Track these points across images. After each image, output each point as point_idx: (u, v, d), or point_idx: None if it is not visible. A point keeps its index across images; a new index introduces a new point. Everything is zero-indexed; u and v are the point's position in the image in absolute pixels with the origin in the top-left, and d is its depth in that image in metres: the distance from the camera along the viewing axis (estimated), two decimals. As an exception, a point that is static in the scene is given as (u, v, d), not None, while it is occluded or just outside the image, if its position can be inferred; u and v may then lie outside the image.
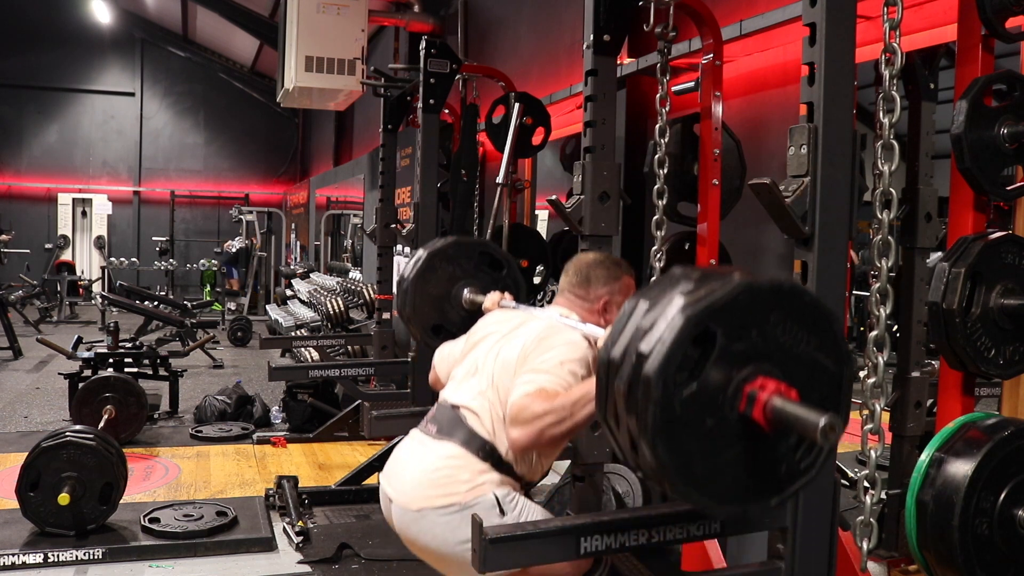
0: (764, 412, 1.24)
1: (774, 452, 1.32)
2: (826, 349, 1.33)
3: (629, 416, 1.26)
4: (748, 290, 1.26)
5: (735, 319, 1.26)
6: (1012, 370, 2.06)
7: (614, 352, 1.30)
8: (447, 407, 2.12)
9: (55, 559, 3.25)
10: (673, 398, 1.23)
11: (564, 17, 5.65)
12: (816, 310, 1.33)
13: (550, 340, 2.01)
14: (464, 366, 2.21)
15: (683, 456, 1.25)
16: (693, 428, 1.25)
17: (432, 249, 3.00)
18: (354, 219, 11.59)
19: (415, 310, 2.95)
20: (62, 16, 15.87)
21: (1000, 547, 1.75)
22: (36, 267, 13.56)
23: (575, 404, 1.81)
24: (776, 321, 1.29)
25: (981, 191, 2.08)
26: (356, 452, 5.17)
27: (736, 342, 1.26)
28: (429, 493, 1.97)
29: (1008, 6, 2.06)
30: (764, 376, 1.26)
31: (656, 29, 2.51)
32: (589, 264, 2.23)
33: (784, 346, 1.30)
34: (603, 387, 1.33)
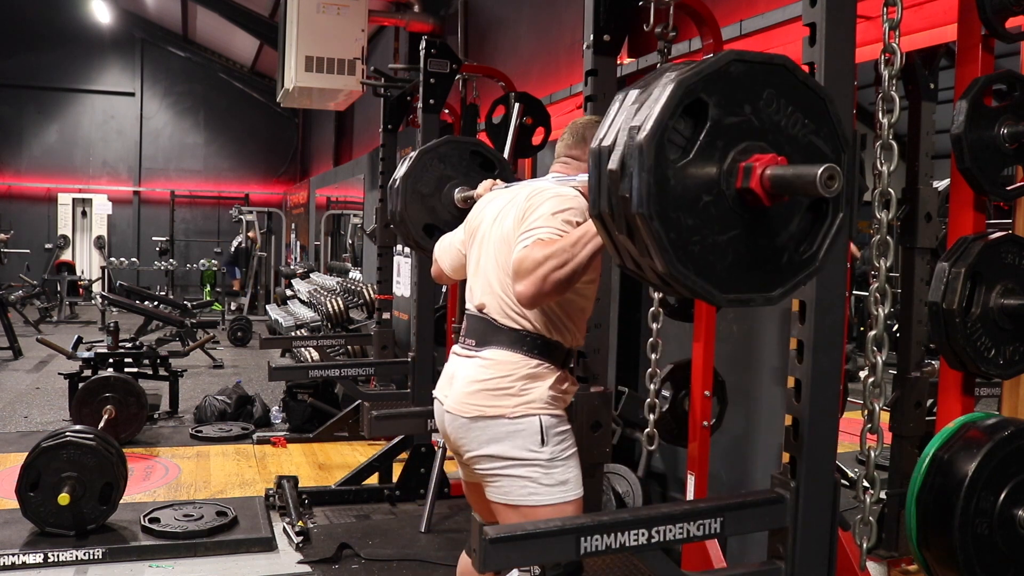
0: (761, 181, 1.21)
1: (775, 238, 1.29)
2: (823, 134, 1.30)
3: (623, 194, 1.21)
4: (738, 60, 1.23)
5: (727, 90, 1.22)
6: (1012, 370, 2.06)
7: (606, 136, 1.26)
8: (475, 315, 2.09)
9: (55, 559, 3.25)
10: (667, 168, 1.19)
11: (564, 17, 5.65)
12: (812, 91, 1.30)
13: (539, 197, 1.96)
14: (472, 260, 2.17)
15: (680, 233, 1.21)
16: (689, 204, 1.21)
17: (424, 148, 2.94)
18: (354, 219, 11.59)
19: (406, 209, 2.86)
20: (62, 16, 15.87)
21: (1000, 547, 1.75)
22: (36, 267, 13.56)
23: (575, 244, 1.77)
24: (770, 98, 1.26)
25: (981, 191, 2.08)
26: (356, 452, 5.17)
27: (729, 116, 1.23)
28: (480, 402, 1.96)
29: (1008, 6, 2.06)
30: (759, 153, 1.23)
31: (656, 29, 2.51)
32: (584, 124, 2.17)
33: (779, 125, 1.26)
34: (596, 178, 1.29)
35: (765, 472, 3.01)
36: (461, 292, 4.76)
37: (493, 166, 2.97)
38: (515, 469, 1.92)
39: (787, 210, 1.31)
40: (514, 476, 1.92)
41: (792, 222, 1.31)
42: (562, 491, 1.94)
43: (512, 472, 1.92)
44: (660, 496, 3.79)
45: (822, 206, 1.33)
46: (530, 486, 1.92)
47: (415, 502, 4.15)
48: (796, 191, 1.21)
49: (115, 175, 16.94)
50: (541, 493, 1.92)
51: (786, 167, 1.21)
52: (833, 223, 1.33)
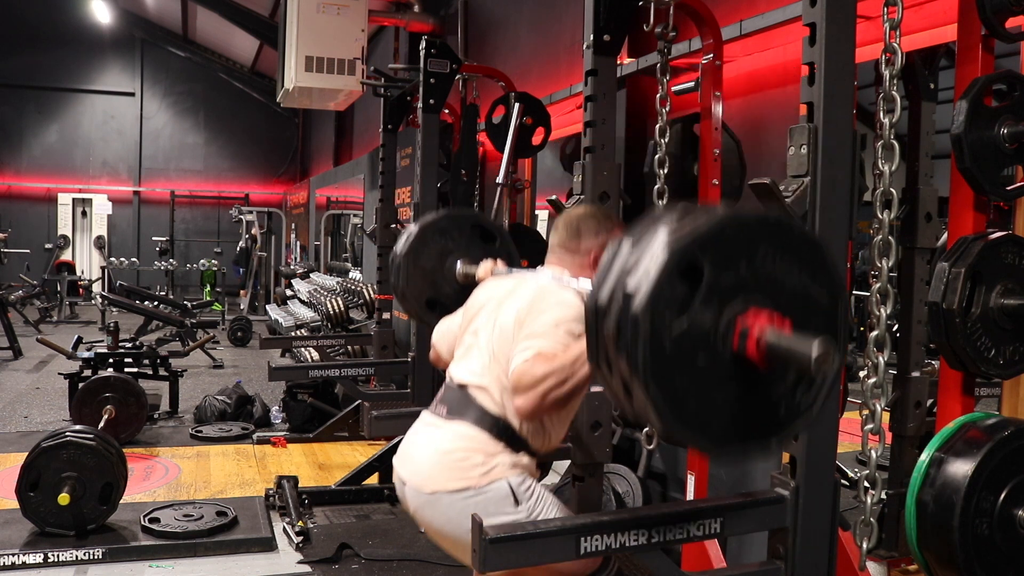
0: (758, 347, 1.21)
1: (771, 391, 1.29)
2: (819, 280, 1.30)
3: (620, 357, 1.22)
4: (734, 221, 1.24)
5: (722, 251, 1.22)
6: (1012, 370, 2.06)
7: (601, 296, 1.27)
8: (454, 387, 2.09)
9: (55, 559, 3.25)
10: (663, 335, 1.19)
11: (564, 17, 5.65)
12: (806, 241, 1.30)
13: (543, 302, 1.98)
14: (464, 342, 2.18)
15: (677, 395, 1.21)
16: (686, 366, 1.22)
17: (424, 222, 2.96)
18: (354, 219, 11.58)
19: (408, 284, 2.90)
20: (62, 16, 15.87)
21: (1000, 547, 1.75)
22: (36, 267, 13.55)
23: (574, 363, 1.79)
24: (765, 253, 1.25)
25: (981, 191, 2.08)
26: (356, 452, 5.17)
27: (724, 274, 1.23)
28: (443, 476, 1.95)
29: (1008, 6, 2.06)
30: (756, 308, 1.23)
31: (656, 29, 2.51)
32: (579, 217, 2.19)
33: (775, 278, 1.26)
34: (592, 333, 1.29)
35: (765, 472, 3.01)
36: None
37: (494, 237, 3.00)
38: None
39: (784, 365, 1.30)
40: None
41: (788, 375, 1.30)
42: None
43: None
44: (660, 496, 3.78)
45: None
46: None
47: (415, 502, 4.15)
48: (790, 363, 1.21)
49: (115, 175, 16.94)
50: None
51: (781, 337, 1.21)
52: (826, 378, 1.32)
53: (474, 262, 2.86)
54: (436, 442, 2.01)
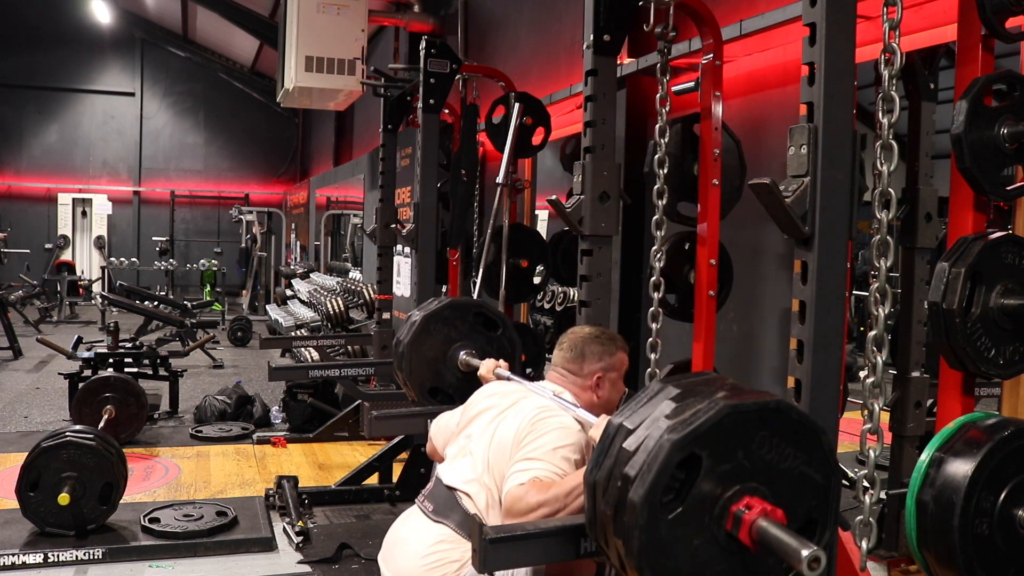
0: (750, 534, 1.25)
1: (762, 568, 1.32)
2: (814, 463, 1.34)
3: (616, 539, 1.27)
4: (734, 413, 1.27)
5: (721, 442, 1.27)
6: (1012, 370, 2.06)
7: (599, 475, 1.32)
8: (443, 487, 2.18)
9: (55, 559, 3.25)
10: (659, 522, 1.24)
11: (564, 17, 5.65)
12: (803, 427, 1.34)
13: (543, 424, 2.04)
14: (459, 443, 2.26)
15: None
16: (680, 549, 1.26)
17: (427, 312, 3.03)
18: (354, 219, 11.59)
19: (412, 373, 3.00)
20: (62, 16, 15.87)
21: (1000, 547, 1.75)
22: (36, 267, 13.56)
23: (568, 495, 1.85)
24: (762, 440, 1.30)
25: (981, 191, 2.08)
26: (356, 452, 5.17)
27: (722, 464, 1.27)
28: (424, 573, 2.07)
29: (1008, 6, 2.06)
30: (750, 496, 1.27)
31: (656, 29, 2.51)
32: (583, 339, 2.26)
33: (770, 464, 1.30)
34: (591, 509, 1.35)
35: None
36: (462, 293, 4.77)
37: (496, 325, 3.04)
38: None
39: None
40: None
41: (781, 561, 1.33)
42: None
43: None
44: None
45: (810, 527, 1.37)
46: None
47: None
48: (780, 556, 1.24)
49: (115, 175, 16.94)
50: None
51: (774, 527, 1.24)
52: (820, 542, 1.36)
53: (477, 351, 2.92)
54: (418, 545, 2.12)
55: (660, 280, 2.62)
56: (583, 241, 2.51)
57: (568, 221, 2.53)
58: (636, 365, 4.07)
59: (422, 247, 4.26)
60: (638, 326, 3.97)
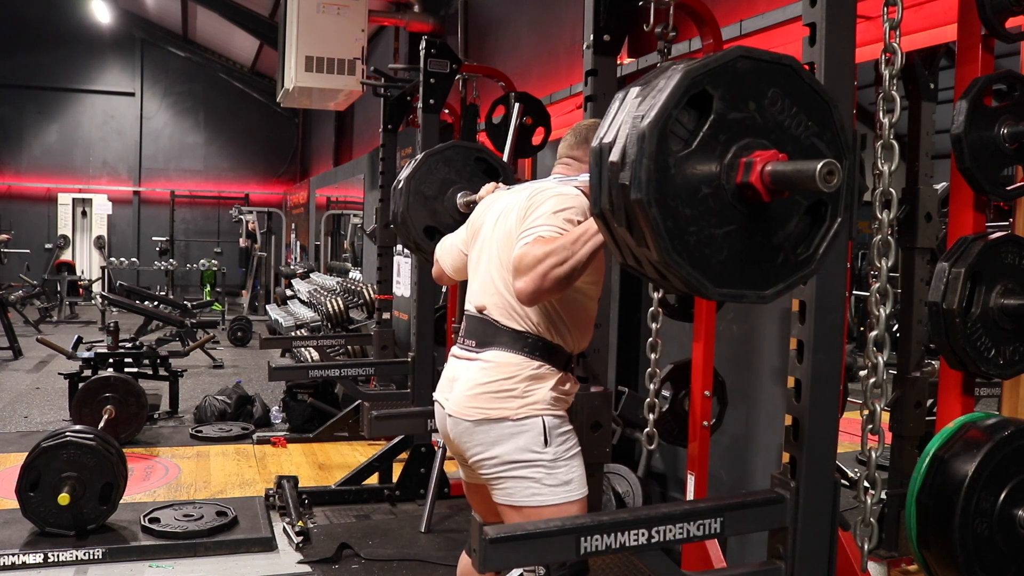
0: (761, 176, 1.21)
1: (772, 237, 1.29)
2: (826, 137, 1.30)
3: (623, 182, 1.21)
4: (746, 57, 1.24)
5: (732, 85, 1.23)
6: (1012, 370, 2.06)
7: (607, 136, 1.26)
8: (475, 316, 2.08)
9: (55, 559, 3.25)
10: (668, 157, 1.19)
11: (564, 17, 5.65)
12: (817, 94, 1.30)
13: (540, 196, 1.97)
14: (473, 261, 2.17)
15: (678, 222, 1.21)
16: (688, 194, 1.21)
17: (429, 151, 2.94)
18: (354, 219, 11.58)
19: (408, 210, 2.86)
20: (62, 16, 15.87)
21: (1000, 547, 1.75)
22: (36, 267, 13.55)
23: (575, 242, 1.77)
24: (775, 97, 1.26)
25: (981, 191, 2.08)
26: (356, 452, 5.17)
27: (733, 111, 1.23)
28: (483, 405, 1.96)
29: (1008, 6, 2.06)
30: (761, 150, 1.23)
31: (656, 29, 2.51)
32: (587, 126, 2.17)
33: (782, 125, 1.27)
34: (596, 175, 1.28)
35: (765, 472, 3.01)
36: (462, 292, 4.76)
37: (497, 172, 2.98)
38: (519, 470, 1.92)
39: (786, 209, 1.31)
40: (518, 478, 1.93)
41: (790, 222, 1.31)
42: (566, 491, 1.94)
43: (516, 474, 1.93)
44: (660, 496, 3.79)
45: (821, 208, 1.33)
46: (534, 487, 1.92)
47: (415, 502, 4.15)
48: (795, 187, 1.22)
49: (115, 175, 16.94)
50: (545, 494, 1.92)
51: (786, 163, 1.21)
52: (832, 226, 1.33)
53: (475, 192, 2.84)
54: (473, 375, 2.00)
55: (660, 280, 2.61)
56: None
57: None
58: (636, 365, 4.08)
59: (422, 247, 4.25)
60: (638, 326, 3.97)
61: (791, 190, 1.24)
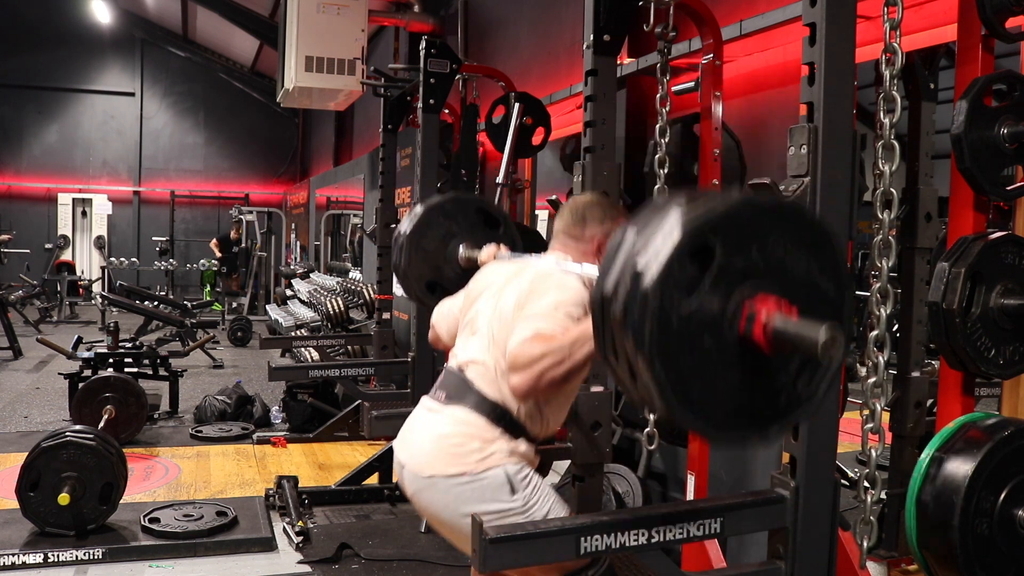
0: (764, 331, 1.21)
1: (774, 379, 1.29)
2: (827, 272, 1.31)
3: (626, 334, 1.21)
4: (749, 205, 1.24)
5: (735, 234, 1.23)
6: (1012, 370, 2.06)
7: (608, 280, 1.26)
8: (454, 371, 2.09)
9: (55, 559, 3.25)
10: (671, 313, 1.19)
11: (564, 17, 5.65)
12: (817, 232, 1.30)
13: (543, 285, 1.97)
14: (465, 325, 2.18)
15: (681, 375, 1.21)
16: (691, 346, 1.21)
17: (429, 204, 2.96)
18: (354, 219, 11.58)
19: (410, 265, 2.89)
20: (62, 16, 15.87)
21: (1000, 547, 1.75)
22: (36, 267, 13.55)
23: (573, 344, 1.78)
24: (777, 240, 1.26)
25: (981, 191, 2.08)
26: (356, 452, 5.17)
27: (735, 258, 1.23)
28: (440, 460, 1.94)
29: (1008, 6, 2.06)
30: (764, 293, 1.23)
31: (656, 29, 2.51)
32: (584, 204, 2.18)
33: (784, 266, 1.27)
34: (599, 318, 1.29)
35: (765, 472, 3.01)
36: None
37: (498, 223, 2.99)
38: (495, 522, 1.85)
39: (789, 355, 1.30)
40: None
41: (792, 364, 1.30)
42: None
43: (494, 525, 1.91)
44: (660, 496, 3.78)
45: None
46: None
47: (415, 502, 4.15)
48: (796, 350, 1.21)
49: (115, 175, 16.93)
50: None
51: (788, 322, 1.21)
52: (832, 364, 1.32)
53: (477, 247, 2.85)
54: (434, 427, 2.01)
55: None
56: (583, 241, 2.50)
57: (568, 221, 2.52)
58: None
59: (422, 247, 4.25)
60: (638, 326, 3.96)
61: (792, 351, 1.24)
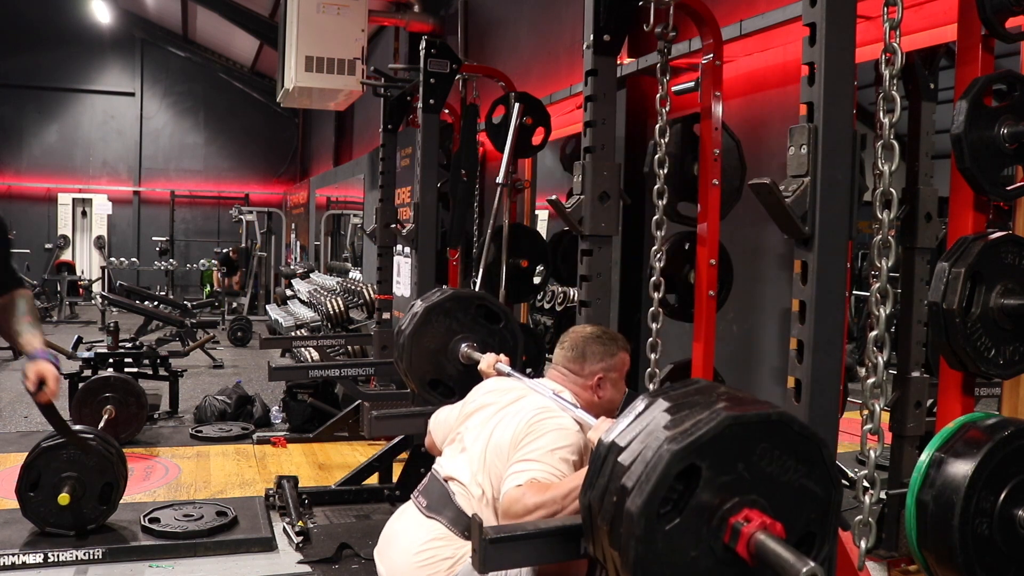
0: (748, 547, 1.23)
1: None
2: (815, 476, 1.33)
3: (613, 551, 1.25)
4: (736, 424, 1.25)
5: (721, 454, 1.25)
6: (1012, 370, 2.06)
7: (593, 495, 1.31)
8: (439, 482, 2.18)
9: (55, 559, 3.24)
10: (656, 533, 1.22)
11: (564, 17, 5.65)
12: (805, 439, 1.32)
13: (541, 425, 2.04)
14: (457, 438, 2.26)
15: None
16: (676, 560, 1.24)
17: (429, 303, 3.02)
18: (354, 219, 11.59)
19: (412, 365, 2.97)
20: (62, 16, 15.87)
21: (1000, 547, 1.75)
22: (36, 267, 13.57)
23: (566, 497, 1.84)
24: (763, 452, 1.28)
25: (981, 191, 2.08)
26: (356, 452, 5.17)
27: (721, 475, 1.25)
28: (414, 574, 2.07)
29: (1008, 6, 2.06)
30: (749, 508, 1.25)
31: (656, 29, 2.51)
32: (585, 339, 2.27)
33: (771, 476, 1.29)
34: (588, 526, 1.34)
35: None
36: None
37: (499, 318, 3.03)
38: None
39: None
40: None
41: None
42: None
43: None
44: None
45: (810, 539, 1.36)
46: None
47: (415, 502, 4.15)
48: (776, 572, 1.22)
49: (115, 175, 16.94)
50: None
51: (773, 542, 1.22)
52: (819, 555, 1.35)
53: (478, 343, 2.91)
54: (411, 542, 2.12)
55: (660, 280, 2.62)
56: (583, 241, 2.51)
57: (568, 221, 2.53)
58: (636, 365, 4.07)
59: (422, 247, 4.26)
60: (638, 326, 3.96)
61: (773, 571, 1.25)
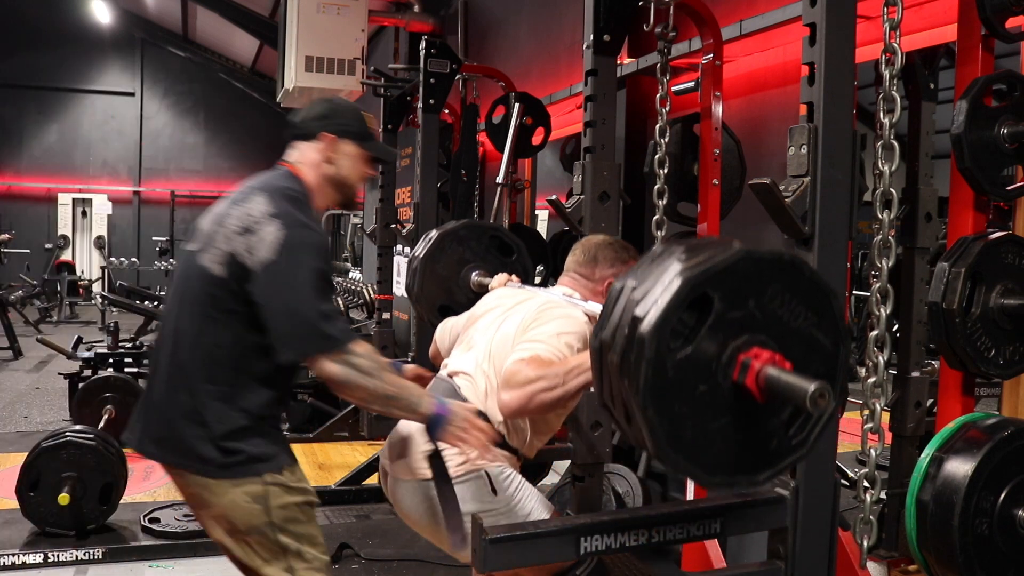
0: (757, 380, 1.24)
1: (766, 426, 1.31)
2: (824, 326, 1.32)
3: (622, 380, 1.24)
4: (748, 258, 1.25)
5: (733, 286, 1.25)
6: (1012, 370, 2.06)
7: (606, 331, 1.29)
8: (443, 379, 2.13)
9: (55, 559, 3.25)
10: (666, 360, 1.21)
11: (564, 17, 5.65)
12: (816, 286, 1.32)
13: (549, 313, 2.02)
14: (464, 339, 2.22)
15: (674, 420, 1.24)
16: (685, 393, 1.24)
17: (444, 230, 3.01)
18: (354, 219, 11.58)
19: (423, 289, 2.94)
20: (62, 16, 15.87)
21: (1000, 547, 1.75)
22: (36, 267, 13.55)
23: (568, 373, 1.82)
24: (774, 293, 1.28)
25: (981, 191, 2.08)
26: (356, 452, 5.17)
27: (733, 310, 1.25)
28: (422, 465, 1.98)
29: (1008, 6, 2.06)
30: (759, 346, 1.25)
31: (656, 29, 2.51)
32: (597, 245, 2.24)
33: (781, 319, 1.29)
34: (598, 367, 1.32)
35: (765, 472, 3.01)
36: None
37: (511, 250, 3.03)
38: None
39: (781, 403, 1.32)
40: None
41: (784, 411, 1.32)
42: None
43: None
44: (660, 496, 3.78)
45: None
46: None
47: (415, 502, 4.15)
48: (787, 401, 1.24)
49: (115, 175, 16.93)
50: None
51: (781, 372, 1.23)
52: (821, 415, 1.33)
53: (490, 273, 2.90)
54: (419, 437, 2.03)
55: (660, 280, 2.61)
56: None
57: (568, 221, 2.52)
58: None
59: (422, 247, 4.25)
60: (638, 326, 3.96)
61: (782, 401, 1.26)
